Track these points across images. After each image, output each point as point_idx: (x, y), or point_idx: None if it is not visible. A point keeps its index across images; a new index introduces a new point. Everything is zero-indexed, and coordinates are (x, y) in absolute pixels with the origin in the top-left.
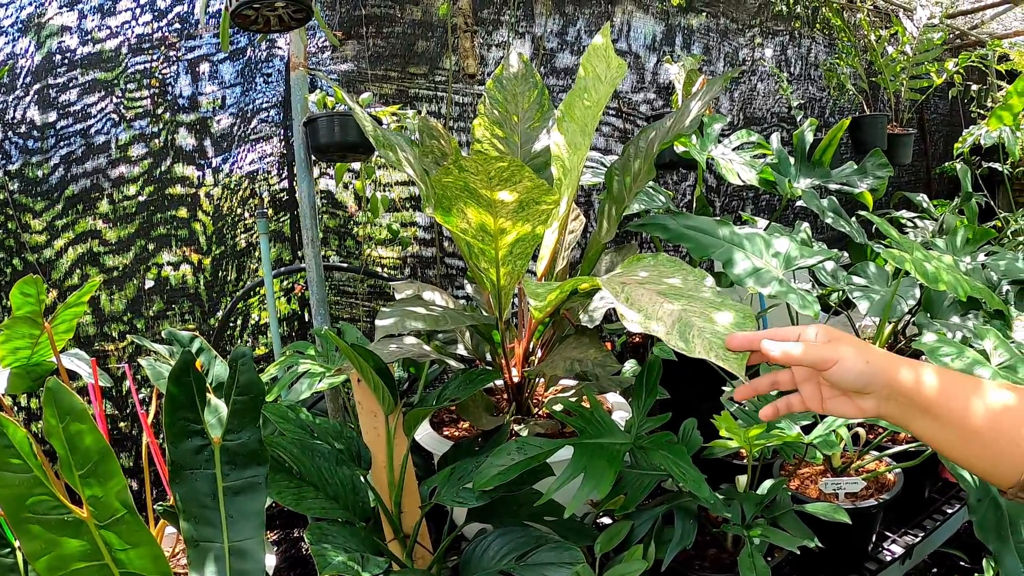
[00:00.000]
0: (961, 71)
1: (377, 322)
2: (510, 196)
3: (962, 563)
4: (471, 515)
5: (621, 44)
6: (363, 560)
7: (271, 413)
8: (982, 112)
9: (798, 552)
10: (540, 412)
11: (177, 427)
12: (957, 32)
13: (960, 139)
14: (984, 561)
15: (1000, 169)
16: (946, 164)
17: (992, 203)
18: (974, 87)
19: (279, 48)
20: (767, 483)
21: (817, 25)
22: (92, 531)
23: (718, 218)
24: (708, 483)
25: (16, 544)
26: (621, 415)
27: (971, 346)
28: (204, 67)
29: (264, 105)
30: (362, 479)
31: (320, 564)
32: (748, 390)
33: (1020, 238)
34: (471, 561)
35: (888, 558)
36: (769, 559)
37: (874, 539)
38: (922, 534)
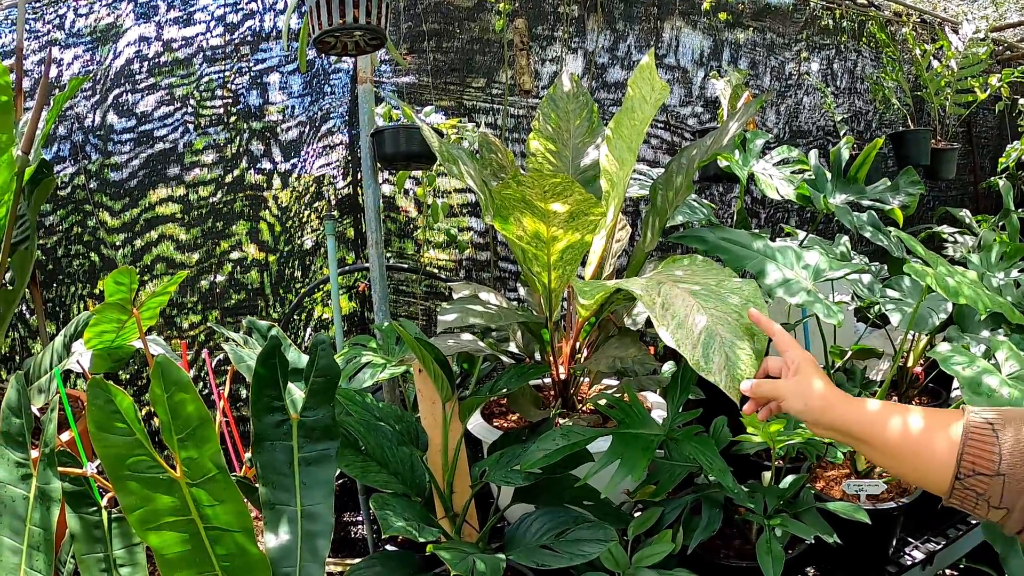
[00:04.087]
0: (1006, 85)
1: (440, 316)
2: (562, 207)
3: None
4: (516, 496)
5: (670, 59)
6: (420, 528)
7: (340, 396)
8: None
9: (825, 542)
10: (584, 407)
11: (262, 403)
12: (1006, 44)
13: (1004, 154)
14: None
15: None
16: (991, 179)
17: None
18: (1021, 101)
19: (344, 61)
20: (789, 478)
21: (863, 39)
22: (183, 490)
23: (756, 231)
24: (739, 479)
25: (102, 503)
26: (659, 413)
27: (992, 358)
28: (274, 77)
29: (330, 114)
30: (420, 459)
31: (384, 526)
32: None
33: None
34: (515, 536)
35: (908, 562)
36: (790, 551)
37: (895, 543)
38: (944, 542)
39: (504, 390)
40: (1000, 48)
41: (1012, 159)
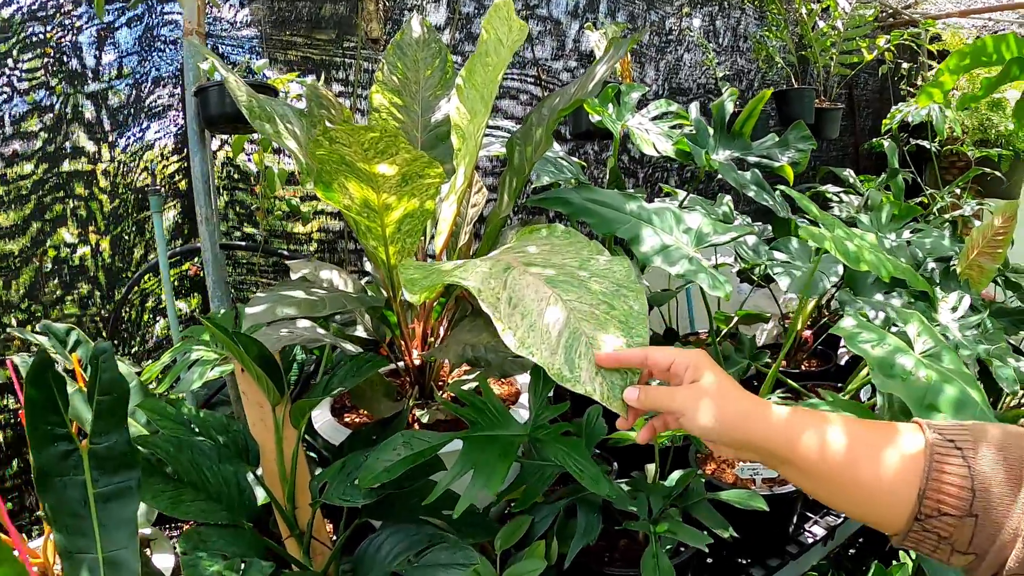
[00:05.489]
0: (892, 48)
1: (247, 310)
2: (390, 169)
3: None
4: (365, 512)
5: (542, 10)
6: (244, 567)
7: (146, 409)
8: (911, 90)
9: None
10: (444, 394)
11: (40, 432)
12: (891, 11)
13: (889, 115)
14: None
15: (928, 146)
16: (874, 140)
17: (919, 180)
18: (904, 65)
19: (179, 14)
20: (676, 473)
21: None
22: None
23: (630, 191)
24: (622, 470)
25: None
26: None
27: (894, 326)
28: (101, 35)
29: (163, 75)
30: (248, 476)
31: None
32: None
33: (946, 215)
34: (364, 561)
35: (810, 540)
36: (685, 546)
37: (795, 521)
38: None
39: (339, 389)
40: (884, 14)
41: (896, 120)
